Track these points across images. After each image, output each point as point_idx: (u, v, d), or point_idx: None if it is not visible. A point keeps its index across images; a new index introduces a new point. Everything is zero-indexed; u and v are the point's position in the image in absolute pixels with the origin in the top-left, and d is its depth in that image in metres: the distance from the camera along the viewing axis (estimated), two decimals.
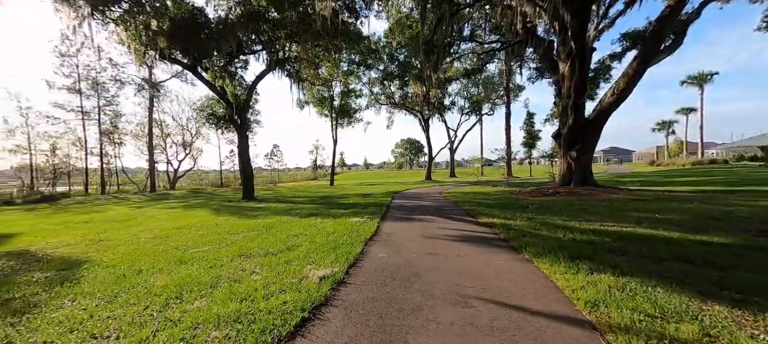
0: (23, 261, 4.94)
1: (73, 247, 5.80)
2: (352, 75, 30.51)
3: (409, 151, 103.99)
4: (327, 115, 31.16)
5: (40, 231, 8.29)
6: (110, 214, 11.70)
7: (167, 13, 10.96)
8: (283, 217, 8.56)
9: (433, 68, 14.62)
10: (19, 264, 4.77)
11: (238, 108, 14.77)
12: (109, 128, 32.88)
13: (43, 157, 29.77)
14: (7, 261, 4.91)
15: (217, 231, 6.90)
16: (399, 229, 6.53)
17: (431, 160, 38.40)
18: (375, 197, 13.71)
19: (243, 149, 14.99)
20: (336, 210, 9.56)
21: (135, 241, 6.14)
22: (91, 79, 30.86)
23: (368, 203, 11.31)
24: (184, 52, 12.24)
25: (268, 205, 12.24)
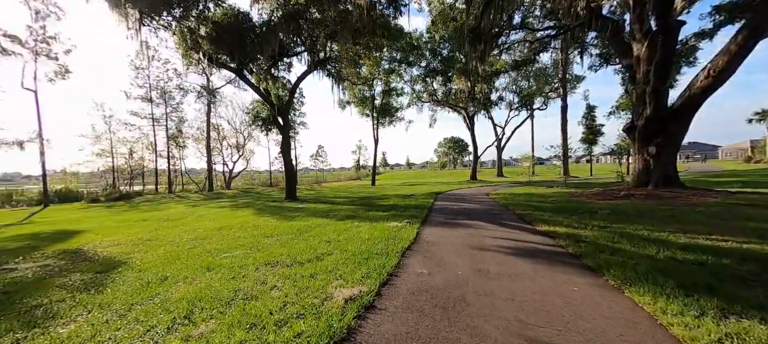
0: (73, 260, 5.10)
1: (121, 247, 5.97)
2: (394, 73, 29.99)
3: (452, 150, 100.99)
4: (368, 115, 31.02)
5: (104, 228, 8.93)
6: (167, 213, 12.48)
7: (213, 19, 11.40)
8: (319, 220, 8.24)
9: (480, 59, 13.46)
10: (68, 263, 4.92)
11: (280, 109, 15.02)
12: (174, 133, 36.20)
13: (123, 160, 33.68)
14: (60, 261, 5.10)
15: (254, 233, 6.74)
16: (441, 237, 5.77)
17: (476, 158, 36.46)
18: (416, 198, 12.99)
19: (285, 150, 15.21)
20: (374, 213, 9.03)
21: (176, 242, 6.17)
22: (159, 88, 34.15)
23: (408, 205, 10.63)
24: (230, 57, 12.67)
25: (308, 206, 12.15)
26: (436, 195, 14.44)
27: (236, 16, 12.44)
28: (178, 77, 34.54)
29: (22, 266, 4.64)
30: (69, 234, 8.14)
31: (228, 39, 12.01)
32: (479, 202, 11.46)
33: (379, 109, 30.55)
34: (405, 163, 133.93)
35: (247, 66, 13.66)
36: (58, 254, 5.50)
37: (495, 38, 15.67)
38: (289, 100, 15.14)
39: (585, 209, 8.19)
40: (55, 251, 5.78)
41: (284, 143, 15.17)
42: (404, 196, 14.25)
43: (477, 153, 36.33)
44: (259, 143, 47.99)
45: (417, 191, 17.58)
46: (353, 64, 19.61)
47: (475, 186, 21.18)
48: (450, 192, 16.90)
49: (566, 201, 10.09)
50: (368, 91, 29.22)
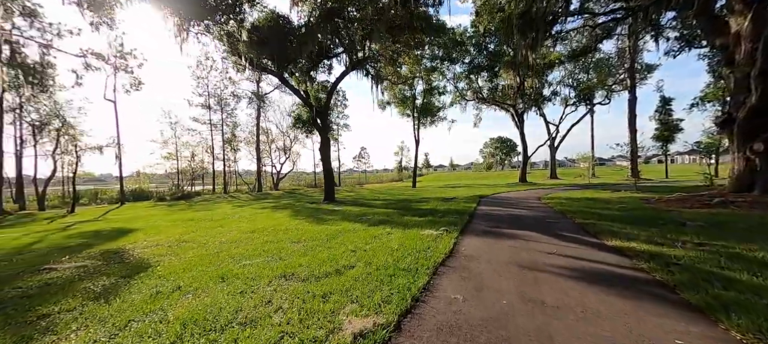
0: (108, 262, 5.21)
1: (156, 248, 6.06)
2: (436, 71, 28.96)
3: (499, 151, 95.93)
4: (409, 115, 30.35)
5: (154, 227, 9.44)
6: (214, 213, 13.05)
7: (254, 23, 11.67)
8: (351, 224, 7.80)
9: (531, 47, 12.11)
10: (103, 265, 5.01)
11: (319, 111, 15.05)
12: (229, 137, 38.95)
13: (186, 162, 36.96)
14: (98, 261, 5.23)
15: (282, 237, 6.48)
16: (483, 249, 4.94)
17: (526, 159, 33.83)
18: (457, 202, 12.03)
19: (324, 151, 15.19)
20: (409, 218, 8.37)
21: (207, 245, 6.11)
22: (216, 95, 36.90)
23: (448, 209, 9.78)
24: (271, 60, 12.91)
25: (344, 209, 11.86)
26: (480, 199, 13.31)
27: (276, 19, 12.64)
28: (232, 85, 37.13)
29: (63, 266, 4.81)
30: (123, 232, 8.69)
31: (268, 42, 12.23)
32: (529, 208, 10.20)
33: (420, 108, 29.71)
34: (448, 164, 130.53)
35: (287, 68, 13.84)
36: (100, 254, 5.70)
37: (549, 26, 14.07)
38: (327, 101, 15.10)
39: (667, 219, 6.69)
40: (100, 251, 6.03)
41: (323, 145, 15.15)
42: (445, 199, 13.35)
43: (527, 153, 33.70)
44: (305, 146, 49.81)
45: (459, 194, 16.49)
46: (392, 63, 19.11)
47: (524, 189, 19.40)
48: (496, 195, 15.56)
49: (640, 209, 8.47)
50: (409, 90, 28.56)
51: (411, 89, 28.64)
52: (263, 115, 39.33)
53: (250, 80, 36.76)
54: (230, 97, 37.39)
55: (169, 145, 35.63)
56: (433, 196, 15.74)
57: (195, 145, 37.38)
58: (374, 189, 28.28)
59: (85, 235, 8.31)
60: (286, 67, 13.46)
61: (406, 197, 16.64)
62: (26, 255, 6.03)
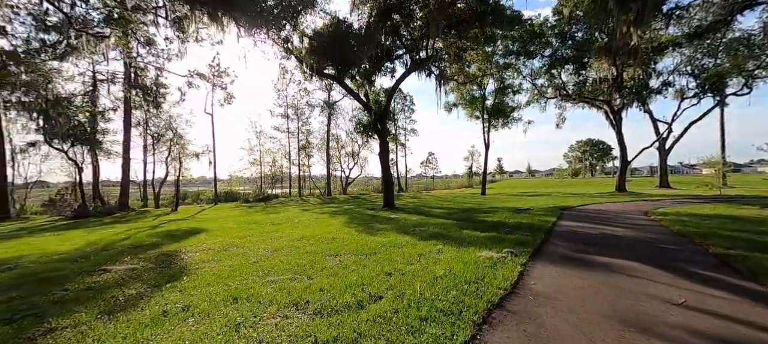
0: (156, 266, 5.33)
1: (205, 253, 6.13)
2: (509, 68, 26.30)
3: (589, 155, 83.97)
4: (478, 117, 28.15)
5: (220, 228, 10.04)
6: (279, 216, 13.60)
7: (315, 29, 11.82)
8: (401, 237, 6.96)
9: (634, 23, 9.60)
10: (148, 269, 5.13)
11: (378, 115, 14.65)
12: (304, 144, 41.89)
13: (267, 167, 40.84)
14: (149, 265, 5.41)
15: (324, 249, 6.00)
16: (562, 287, 3.60)
17: (625, 164, 28.29)
18: (531, 214, 10.17)
19: (383, 156, 14.70)
20: (469, 232, 7.14)
21: (250, 254, 5.96)
22: (294, 106, 40.00)
23: (519, 224, 8.18)
24: (330, 65, 12.96)
25: (400, 217, 11.07)
26: (562, 212, 11.12)
27: (336, 24, 12.67)
28: (307, 95, 39.89)
29: (116, 267, 5.06)
30: (193, 232, 9.39)
31: (328, 48, 12.29)
32: (632, 225, 7.94)
33: (491, 109, 27.31)
34: (526, 169, 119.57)
35: (348, 73, 13.78)
36: (157, 257, 5.95)
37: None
38: (387, 105, 14.61)
39: None
40: (160, 253, 6.35)
41: (382, 149, 14.68)
42: (516, 211, 11.51)
43: (626, 157, 28.16)
44: (372, 151, 50.95)
45: (536, 204, 14.23)
46: (458, 61, 17.76)
47: (623, 201, 15.89)
48: (584, 207, 12.94)
49: None
50: (478, 90, 26.51)
51: (480, 89, 26.56)
52: (334, 121, 41.30)
53: (322, 89, 39.01)
54: (305, 106, 40.18)
55: (254, 151, 39.86)
56: (504, 206, 13.87)
57: (275, 151, 41.09)
58: (439, 196, 26.89)
59: (162, 235, 9.17)
60: (346, 72, 13.39)
61: (472, 205, 15.07)
62: (106, 253, 6.72)
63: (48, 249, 7.12)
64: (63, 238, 8.90)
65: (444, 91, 16.50)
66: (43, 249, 7.08)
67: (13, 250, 7.17)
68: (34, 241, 8.58)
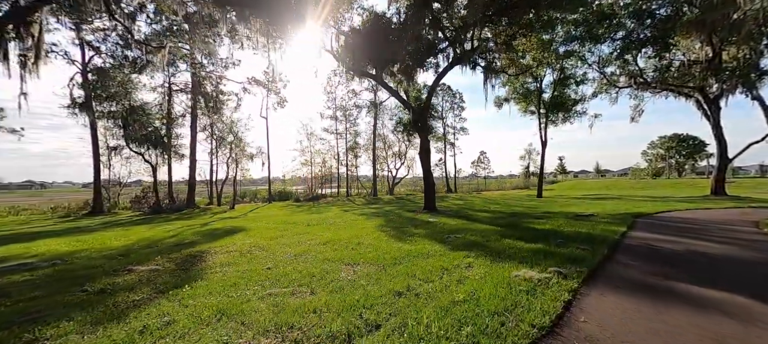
0: (178, 267, 5.35)
1: (229, 255, 6.11)
2: (572, 56, 23.46)
3: (675, 152, 72.28)
4: (533, 112, 25.64)
5: (258, 228, 10.29)
6: (321, 216, 13.67)
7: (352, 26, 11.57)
8: (432, 245, 6.24)
9: None
10: (169, 270, 5.18)
11: (418, 112, 13.92)
12: (352, 144, 42.66)
13: (318, 168, 42.41)
14: (171, 265, 5.48)
15: (344, 256, 5.57)
16: (626, 329, 2.63)
17: (725, 162, 23.37)
18: (594, 222, 8.58)
19: (423, 156, 13.95)
20: (511, 242, 6.14)
21: (268, 259, 5.78)
22: (342, 108, 40.94)
23: (576, 233, 6.87)
24: (369, 62, 12.61)
25: (439, 221, 10.25)
26: (635, 220, 9.27)
27: (374, 19, 12.29)
28: (354, 96, 40.57)
29: (141, 268, 5.21)
30: (232, 231, 9.72)
31: (365, 44, 11.96)
32: (736, 241, 6.15)
33: (549, 103, 24.65)
34: (593, 169, 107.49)
35: (386, 69, 13.30)
36: (183, 258, 6.02)
37: None
38: (427, 102, 13.80)
39: None
40: (187, 254, 6.45)
41: (422, 149, 13.94)
42: (576, 217, 9.91)
43: (725, 153, 23.24)
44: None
45: (602, 209, 12.23)
46: (509, 50, 16.18)
47: (721, 207, 12.91)
48: (666, 214, 10.72)
49: None
50: (533, 82, 24.13)
51: (536, 81, 24.15)
52: (380, 121, 41.35)
53: (369, 90, 39.29)
54: (353, 107, 40.89)
55: (305, 152, 41.68)
56: (560, 211, 12.17)
57: (325, 152, 42.48)
58: (489, 198, 25.07)
59: (204, 233, 9.61)
60: (385, 69, 12.92)
61: (523, 209, 13.54)
62: (146, 251, 7.15)
63: (105, 244, 7.83)
64: (125, 233, 9.84)
65: (491, 85, 15.11)
66: (102, 244, 7.81)
67: (80, 244, 8.03)
68: (103, 235, 9.61)
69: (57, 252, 6.91)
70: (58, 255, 6.51)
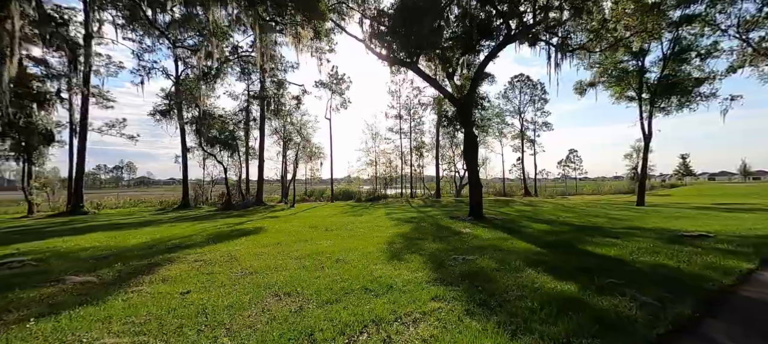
0: (111, 279, 4.90)
1: (178, 267, 5.72)
2: (694, 21, 17.76)
3: None
4: (632, 98, 20.31)
5: (279, 231, 10.00)
6: (351, 219, 12.94)
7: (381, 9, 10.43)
8: (415, 273, 4.74)
9: None
10: (92, 285, 4.94)
11: (461, 103, 11.96)
12: (418, 144, 41.42)
13: (382, 168, 42.36)
14: (109, 276, 5.28)
15: (303, 277, 4.58)
16: None
17: None
18: (703, 248, 5.64)
19: (467, 152, 11.93)
20: (532, 276, 4.21)
21: (210, 279, 5.17)
22: (406, 106, 40.01)
23: (654, 267, 4.43)
24: (402, 48, 11.25)
25: (473, 233, 8.38)
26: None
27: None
28: (419, 93, 39.23)
29: (73, 279, 5.01)
30: (246, 233, 9.60)
31: (395, 28, 10.74)
32: None
33: (656, 86, 19.16)
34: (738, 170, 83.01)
35: (423, 55, 11.70)
36: (134, 268, 5.85)
37: None
38: (471, 90, 11.69)
39: None
40: (146, 263, 6.27)
41: (466, 144, 11.93)
42: (674, 238, 6.84)
43: None
44: (494, 150, 45.96)
45: (728, 228, 8.40)
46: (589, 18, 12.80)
47: None
48: None
49: None
50: (631, 59, 19.07)
51: (636, 58, 19.04)
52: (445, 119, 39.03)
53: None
54: (417, 105, 39.59)
55: (370, 153, 42.04)
56: (659, 226, 8.82)
57: (390, 152, 42.17)
58: (569, 205, 20.75)
59: (222, 233, 9.61)
60: (419, 55, 11.37)
61: (604, 222, 10.40)
62: (120, 255, 7.33)
63: (121, 242, 8.32)
64: (158, 231, 10.48)
65: (556, 64, 12.16)
66: (113, 242, 8.41)
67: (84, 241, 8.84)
68: (131, 233, 10.54)
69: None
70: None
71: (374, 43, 10.76)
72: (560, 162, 58.50)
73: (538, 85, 46.05)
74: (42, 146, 17.32)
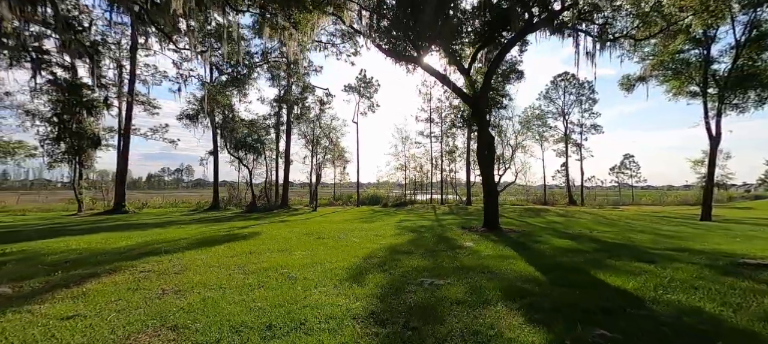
0: (31, 290, 4.94)
1: (113, 278, 5.44)
2: None
3: None
4: (694, 94, 17.23)
5: (273, 238, 9.71)
6: (361, 226, 12.33)
7: None
8: (350, 304, 3.96)
9: None
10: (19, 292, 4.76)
11: (474, 101, 10.77)
12: (452, 148, 39.89)
13: (413, 173, 41.31)
14: (28, 289, 5.11)
15: (270, 301, 4.05)
16: None
17: None
18: (760, 283, 4.12)
19: (480, 155, 10.73)
20: (511, 322, 3.20)
21: (128, 298, 4.80)
22: (437, 109, 38.70)
23: (679, 311, 3.18)
24: (405, 38, 10.36)
25: (476, 249, 7.30)
26: None
27: None
28: (452, 94, 37.72)
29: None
30: (234, 238, 9.41)
31: (396, 16, 9.98)
32: None
33: (726, 79, 16.04)
34: None
35: (431, 47, 10.70)
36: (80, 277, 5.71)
37: None
38: (484, 85, 10.41)
39: None
40: (86, 273, 6.15)
41: (479, 145, 10.73)
42: (735, 267, 5.20)
43: None
44: (534, 155, 42.74)
45: None
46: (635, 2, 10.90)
47: None
48: None
49: None
50: (692, 48, 16.19)
51: (699, 47, 16.15)
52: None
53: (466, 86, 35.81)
54: (448, 108, 38.13)
55: (399, 157, 41.24)
56: (715, 249, 6.98)
57: (420, 156, 41.03)
58: (612, 217, 18.06)
59: (210, 236, 9.52)
60: (425, 48, 10.39)
61: (646, 240, 8.60)
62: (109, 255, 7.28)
63: (107, 244, 8.51)
64: (163, 233, 10.70)
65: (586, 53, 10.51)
66: (99, 245, 8.58)
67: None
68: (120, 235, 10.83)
69: None
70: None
71: (375, 36, 10.08)
72: (613, 168, 52.86)
73: (586, 83, 42.12)
74: (90, 149, 19.10)
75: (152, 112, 24.56)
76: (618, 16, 12.35)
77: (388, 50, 10.72)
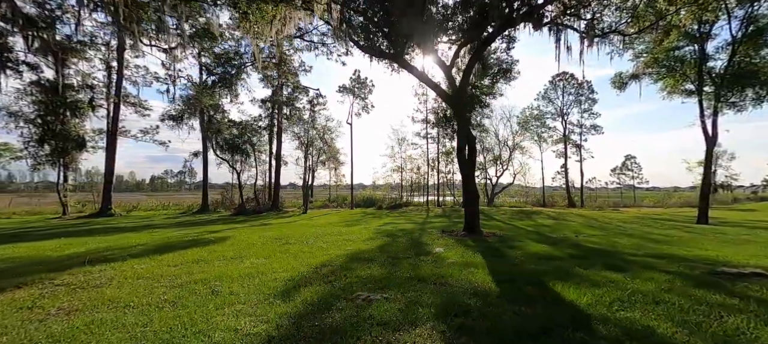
0: None
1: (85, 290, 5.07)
2: None
3: None
4: (690, 92, 16.65)
5: (240, 243, 9.34)
6: (337, 230, 11.94)
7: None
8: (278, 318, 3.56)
9: None
10: None
11: (453, 99, 10.33)
12: (448, 149, 39.41)
13: (410, 174, 40.89)
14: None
15: (167, 323, 3.66)
16: None
17: None
18: (750, 295, 3.65)
19: (459, 155, 10.28)
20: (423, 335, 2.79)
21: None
22: (434, 110, 38.26)
23: (630, 336, 2.74)
24: (383, 36, 9.96)
25: (445, 255, 6.87)
26: None
27: None
28: None
29: None
30: (197, 243, 9.05)
31: (370, 10, 9.58)
32: None
33: (722, 76, 15.46)
34: None
35: (408, 45, 10.30)
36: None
37: None
38: (462, 82, 9.99)
39: None
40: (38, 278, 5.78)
41: (459, 145, 10.29)
42: (711, 277, 4.73)
43: None
44: (531, 155, 42.25)
45: None
46: None
47: None
48: None
49: None
50: (688, 44, 15.63)
51: (692, 44, 15.59)
52: (475, 120, 36.55)
53: None
54: (444, 108, 37.68)
55: (395, 159, 40.84)
56: (700, 255, 6.49)
57: (417, 157, 40.61)
58: (604, 220, 17.46)
59: (175, 241, 9.14)
60: (404, 45, 9.98)
61: (631, 244, 8.11)
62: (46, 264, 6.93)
63: (66, 250, 8.17)
64: (136, 237, 10.42)
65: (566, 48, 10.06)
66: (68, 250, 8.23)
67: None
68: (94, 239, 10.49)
69: None
70: None
71: (350, 32, 9.67)
72: (614, 169, 51.98)
73: (585, 83, 41.56)
74: (75, 151, 18.88)
75: (143, 114, 24.36)
76: (606, 11, 11.92)
77: (364, 47, 10.34)
